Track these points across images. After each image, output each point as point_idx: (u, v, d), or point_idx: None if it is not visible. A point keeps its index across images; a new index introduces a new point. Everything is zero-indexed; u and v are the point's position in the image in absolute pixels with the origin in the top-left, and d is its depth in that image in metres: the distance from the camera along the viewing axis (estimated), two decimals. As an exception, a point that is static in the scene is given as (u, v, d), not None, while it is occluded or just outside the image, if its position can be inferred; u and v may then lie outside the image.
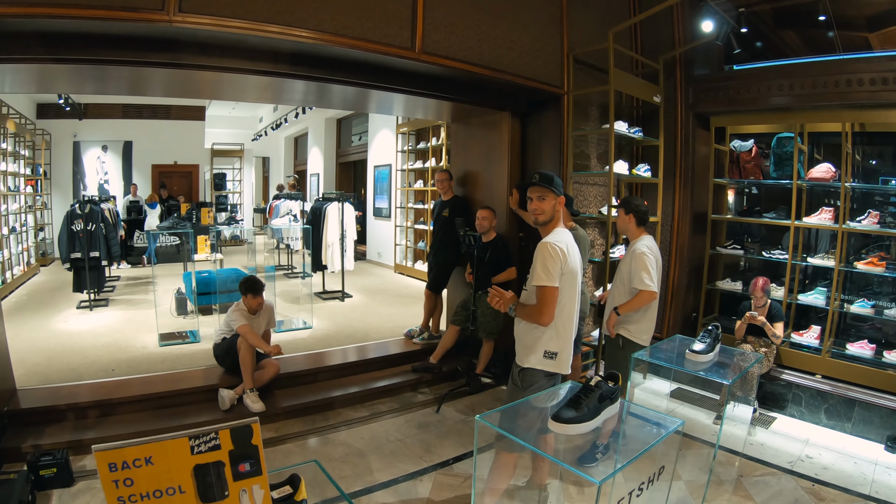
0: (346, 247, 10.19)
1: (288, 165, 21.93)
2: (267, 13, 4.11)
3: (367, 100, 6.54)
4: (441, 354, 6.31)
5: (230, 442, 1.63)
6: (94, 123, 16.47)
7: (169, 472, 1.57)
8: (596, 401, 2.67)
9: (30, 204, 13.55)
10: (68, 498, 4.09)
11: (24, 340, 7.28)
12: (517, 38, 5.51)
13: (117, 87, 6.34)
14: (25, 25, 3.85)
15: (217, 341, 5.79)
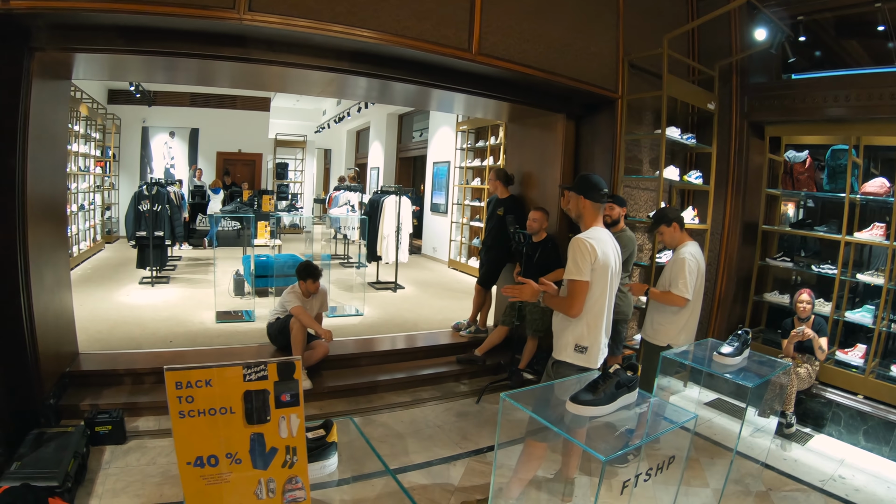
0: (402, 239, 10.55)
1: (349, 158, 22.45)
2: (331, 13, 4.45)
3: (427, 98, 6.83)
4: (487, 349, 6.55)
5: (276, 374, 1.97)
6: (162, 110, 17.36)
7: (224, 394, 1.91)
8: (613, 387, 2.92)
9: (98, 184, 14.41)
10: (120, 454, 4.55)
11: (88, 310, 7.88)
12: (572, 41, 5.68)
13: (187, 77, 6.82)
14: (107, 19, 4.28)
15: (271, 321, 6.22)
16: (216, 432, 1.91)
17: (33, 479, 3.62)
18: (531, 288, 3.70)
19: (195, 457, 1.91)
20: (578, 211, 3.70)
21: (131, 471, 4.30)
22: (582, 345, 3.57)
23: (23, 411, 4.51)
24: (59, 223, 5.60)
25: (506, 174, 7.17)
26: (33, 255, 4.62)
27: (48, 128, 4.99)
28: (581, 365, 3.59)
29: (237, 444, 1.96)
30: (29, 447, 4.06)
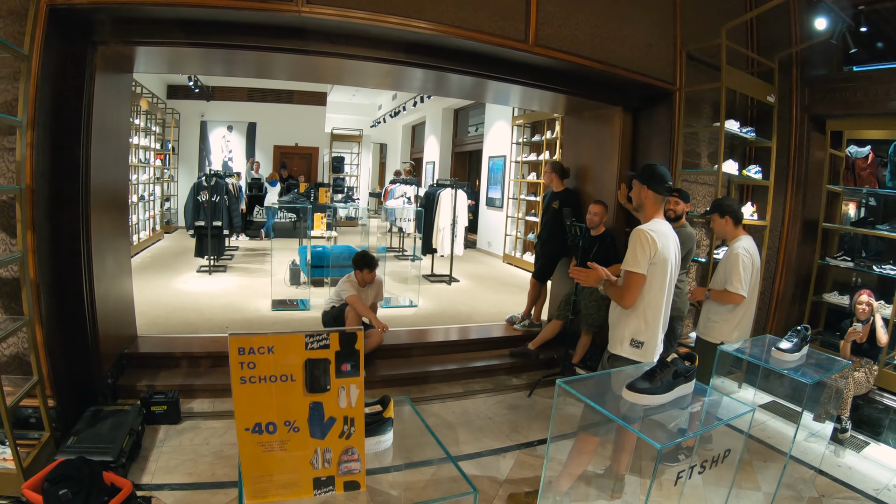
0: (457, 232, 10.62)
1: (405, 152, 22.60)
2: (388, 4, 4.48)
3: (483, 90, 6.81)
4: (540, 343, 6.52)
5: (338, 343, 1.96)
6: (220, 105, 17.91)
7: (285, 361, 1.93)
8: (670, 377, 2.87)
9: (158, 176, 15.00)
10: (174, 434, 4.72)
11: (147, 296, 8.16)
12: (630, 32, 5.61)
13: (244, 70, 6.96)
14: (168, 13, 4.42)
15: (326, 308, 6.32)
16: (276, 399, 1.95)
17: (89, 453, 3.78)
18: (597, 273, 3.64)
19: (254, 423, 1.95)
20: (640, 201, 3.66)
21: (184, 450, 4.46)
22: (638, 339, 3.54)
23: (81, 389, 4.71)
24: (120, 212, 5.83)
25: (561, 167, 7.11)
26: (96, 241, 4.81)
27: (110, 120, 5.18)
28: (636, 360, 3.55)
29: (296, 413, 1.99)
30: (86, 423, 4.25)
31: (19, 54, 3.81)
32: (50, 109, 4.25)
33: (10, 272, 4.14)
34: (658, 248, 3.41)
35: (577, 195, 7.10)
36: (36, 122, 3.97)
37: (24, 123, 3.85)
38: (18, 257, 3.88)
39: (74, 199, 4.61)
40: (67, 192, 4.57)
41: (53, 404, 4.21)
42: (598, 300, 6.00)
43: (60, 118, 4.42)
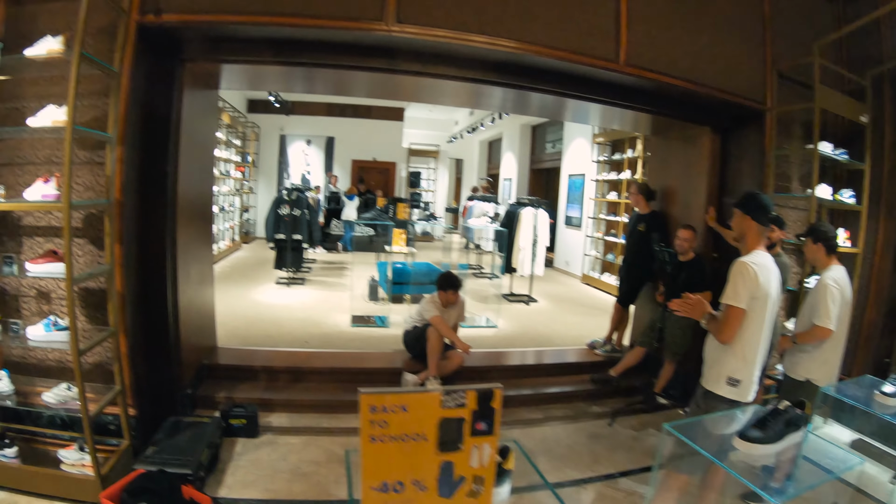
0: (538, 252, 10.43)
1: (481, 168, 22.53)
2: (479, 24, 4.45)
3: (562, 108, 6.72)
4: (622, 370, 6.30)
5: (475, 402, 1.91)
6: (299, 119, 18.39)
7: (418, 420, 1.88)
8: (782, 425, 2.73)
9: (238, 187, 15.45)
10: (252, 447, 4.74)
11: (226, 306, 8.24)
12: (720, 51, 5.42)
13: (324, 87, 7.07)
14: (256, 32, 4.49)
15: (408, 328, 6.23)
16: (406, 459, 1.89)
17: (168, 464, 3.82)
18: (702, 307, 3.48)
19: (381, 482, 1.89)
20: (741, 231, 3.51)
21: (261, 465, 4.46)
22: (735, 378, 3.39)
23: (161, 398, 4.79)
24: (205, 222, 5.96)
25: (648, 189, 6.91)
26: (181, 251, 4.92)
27: (197, 135, 5.29)
28: (732, 399, 3.41)
29: (425, 472, 1.92)
30: (165, 433, 4.30)
31: (109, 71, 3.90)
32: (139, 125, 4.35)
33: (98, 283, 4.22)
34: (760, 282, 3.27)
35: (664, 218, 6.86)
36: (125, 137, 4.06)
37: (113, 139, 3.93)
38: (106, 269, 3.96)
39: (161, 212, 4.72)
40: (155, 205, 4.67)
41: (134, 413, 4.28)
42: (683, 328, 5.77)
43: (149, 133, 4.53)
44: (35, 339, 3.79)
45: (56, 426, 4.24)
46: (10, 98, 4.21)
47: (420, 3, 4.35)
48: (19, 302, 4.34)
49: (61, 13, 4.11)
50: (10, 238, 4.26)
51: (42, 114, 3.72)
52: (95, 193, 4.16)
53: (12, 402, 3.95)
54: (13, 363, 4.35)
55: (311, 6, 4.22)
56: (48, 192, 3.67)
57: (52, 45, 3.66)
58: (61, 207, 3.54)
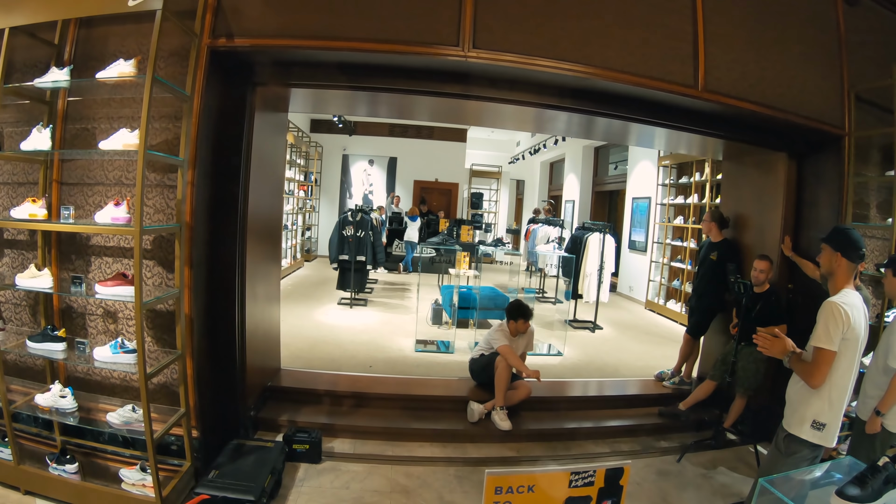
0: (604, 278, 10.25)
1: (543, 189, 22.37)
2: (555, 50, 4.39)
3: (628, 132, 6.60)
4: (691, 404, 6.09)
5: (603, 480, 1.85)
6: (362, 139, 18.75)
7: (545, 500, 1.81)
8: (881, 482, 2.61)
9: (301, 206, 15.76)
10: (314, 473, 4.68)
11: (290, 326, 8.32)
12: (796, 73, 5.21)
13: (388, 111, 7.15)
14: (328, 57, 4.51)
15: (475, 356, 6.18)
16: None
17: (230, 489, 3.80)
18: (783, 343, 3.36)
19: None
20: (830, 269, 3.37)
21: (324, 492, 4.40)
22: (820, 421, 3.26)
23: (225, 420, 4.81)
24: (273, 242, 6.01)
25: (721, 216, 6.67)
26: (250, 272, 4.96)
27: (267, 156, 5.35)
28: (816, 443, 3.29)
29: None
30: (228, 457, 4.28)
31: (181, 95, 3.94)
32: (210, 148, 4.40)
33: (166, 306, 4.25)
34: (851, 323, 3.15)
35: (736, 246, 6.63)
36: (196, 160, 4.10)
37: (185, 162, 3.97)
38: (175, 293, 3.99)
39: (232, 235, 4.75)
40: (225, 228, 4.71)
41: (197, 435, 4.30)
42: (756, 363, 5.56)
43: (220, 156, 4.57)
44: (102, 359, 3.80)
45: (118, 443, 4.33)
46: (81, 119, 4.32)
47: (496, 28, 4.31)
48: (86, 320, 4.43)
49: (132, 35, 4.21)
50: (77, 256, 4.36)
51: (114, 137, 3.78)
52: (165, 217, 4.21)
53: (75, 419, 4.00)
54: (77, 379, 4.43)
55: (385, 31, 4.22)
56: (118, 216, 3.71)
57: (123, 69, 3.74)
58: (132, 232, 3.57)
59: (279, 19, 4.22)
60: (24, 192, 4.41)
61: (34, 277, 3.91)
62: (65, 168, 4.37)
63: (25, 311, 4.63)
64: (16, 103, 4.37)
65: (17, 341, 4.11)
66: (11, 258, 4.57)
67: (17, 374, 4.55)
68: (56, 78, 3.93)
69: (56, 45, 4.29)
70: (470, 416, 5.58)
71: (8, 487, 4.04)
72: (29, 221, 3.96)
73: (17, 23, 3.88)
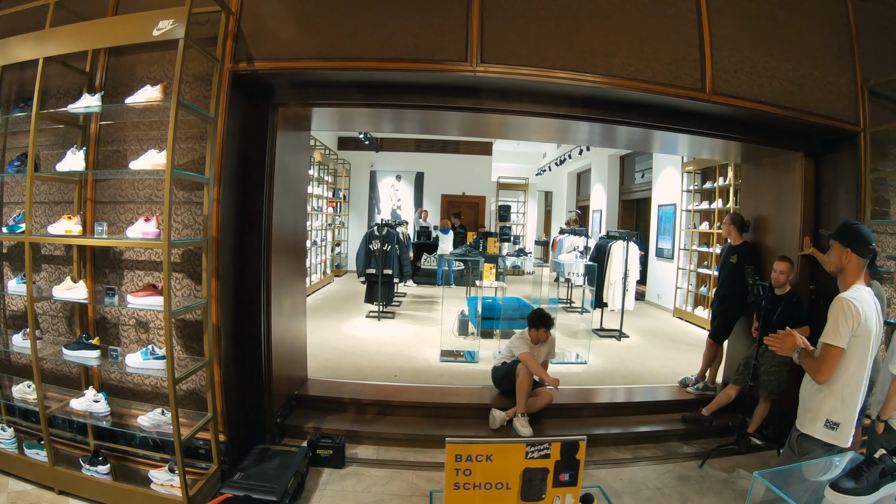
0: (629, 286, 10.27)
1: (570, 200, 22.40)
2: (562, 61, 4.51)
3: (650, 140, 6.64)
4: (715, 409, 6.08)
5: (559, 453, 1.96)
6: (389, 155, 19.03)
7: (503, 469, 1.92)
8: (877, 475, 2.62)
9: (330, 222, 16.04)
10: (337, 478, 4.83)
11: (318, 338, 8.56)
12: (807, 71, 5.21)
13: (412, 127, 7.25)
14: (344, 77, 4.71)
15: (497, 364, 6.27)
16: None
17: (254, 490, 3.97)
18: (793, 340, 3.32)
19: None
20: (840, 265, 3.32)
21: (346, 495, 4.54)
22: (834, 420, 3.18)
23: (251, 426, 5.00)
24: (298, 257, 6.18)
25: (741, 219, 6.69)
26: (275, 285, 5.15)
27: (290, 174, 5.55)
28: (829, 442, 3.20)
29: None
30: (253, 460, 4.46)
31: (205, 117, 4.17)
32: (234, 166, 4.62)
33: (194, 315, 4.48)
34: (861, 319, 3.08)
35: (757, 249, 6.63)
36: (221, 178, 4.33)
37: (210, 180, 4.20)
38: (202, 303, 4.20)
39: (257, 249, 4.96)
40: (250, 242, 4.93)
41: (224, 439, 4.50)
42: (779, 365, 5.56)
43: (244, 174, 4.80)
44: (133, 366, 4.05)
45: (148, 447, 4.56)
46: (112, 141, 4.60)
47: (503, 42, 4.45)
48: (119, 330, 4.67)
49: (158, 62, 4.48)
50: (111, 270, 4.62)
51: (143, 157, 4.02)
52: (193, 231, 4.43)
53: (108, 422, 4.22)
54: (111, 386, 4.70)
55: (394, 50, 4.40)
56: (148, 231, 3.94)
57: (150, 94, 3.98)
58: (161, 245, 3.80)
59: (296, 42, 4.43)
60: (60, 210, 4.70)
61: (70, 289, 4.19)
62: (98, 187, 4.65)
63: (62, 322, 4.91)
64: (51, 128, 4.67)
65: (54, 349, 4.39)
66: (49, 272, 4.86)
67: (54, 382, 4.84)
68: (88, 104, 4.22)
69: (87, 73, 4.59)
70: (492, 423, 5.65)
71: (42, 487, 4.31)
72: (65, 237, 4.23)
73: (50, 53, 4.14)
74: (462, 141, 18.95)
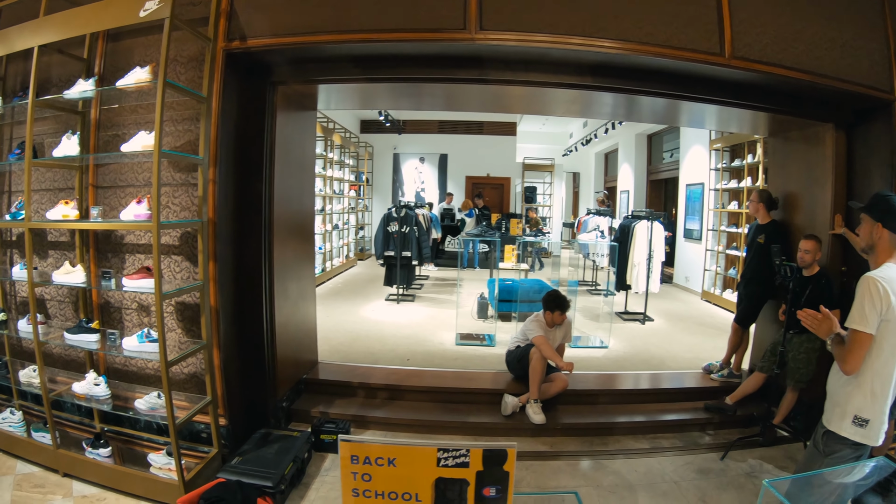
0: (653, 268, 10.07)
1: (598, 181, 22.11)
2: (567, 25, 4.30)
3: (676, 112, 6.38)
4: (739, 397, 5.88)
5: (480, 463, 1.69)
6: (412, 138, 18.99)
7: (410, 477, 1.69)
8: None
9: (352, 206, 16.05)
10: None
11: (334, 322, 8.62)
12: (836, 35, 4.88)
13: (431, 103, 7.11)
14: (340, 50, 4.60)
15: (511, 348, 6.16)
16: None
17: (250, 475, 3.94)
18: (829, 323, 3.02)
19: None
20: (871, 241, 3.05)
21: (348, 482, 4.45)
22: (863, 417, 2.92)
23: (254, 410, 5.00)
24: (305, 240, 6.12)
25: (770, 196, 6.41)
26: (278, 269, 5.09)
27: (295, 155, 5.48)
28: (858, 441, 2.94)
29: None
30: (254, 445, 4.45)
31: (198, 97, 4.14)
32: (231, 147, 4.57)
33: (193, 298, 4.46)
34: (892, 301, 2.80)
35: (785, 228, 6.36)
36: (217, 159, 4.28)
37: (205, 161, 4.16)
38: (199, 286, 4.18)
39: (256, 231, 4.91)
40: (250, 224, 4.87)
41: (225, 423, 4.50)
42: (808, 352, 5.33)
43: (242, 155, 4.75)
44: (129, 349, 4.09)
45: (152, 430, 4.59)
46: (112, 126, 4.59)
47: (503, 8, 4.28)
48: (122, 314, 4.70)
49: (154, 45, 4.44)
50: (113, 254, 4.64)
51: (134, 139, 4.02)
52: (191, 213, 4.40)
53: (109, 406, 4.28)
54: (115, 370, 4.73)
55: (390, 20, 4.27)
56: (140, 213, 3.94)
57: (140, 75, 3.96)
58: (151, 227, 3.78)
59: (289, 18, 4.34)
60: (63, 196, 4.72)
61: (68, 273, 4.23)
62: (99, 173, 4.65)
63: (69, 307, 4.95)
64: (53, 115, 4.72)
65: (58, 334, 4.44)
66: (55, 258, 4.92)
67: (63, 367, 4.93)
68: (83, 89, 4.22)
69: (86, 60, 4.61)
70: (504, 409, 5.56)
71: (48, 470, 4.37)
72: (62, 222, 4.28)
73: (45, 41, 4.13)
74: (486, 122, 18.83)
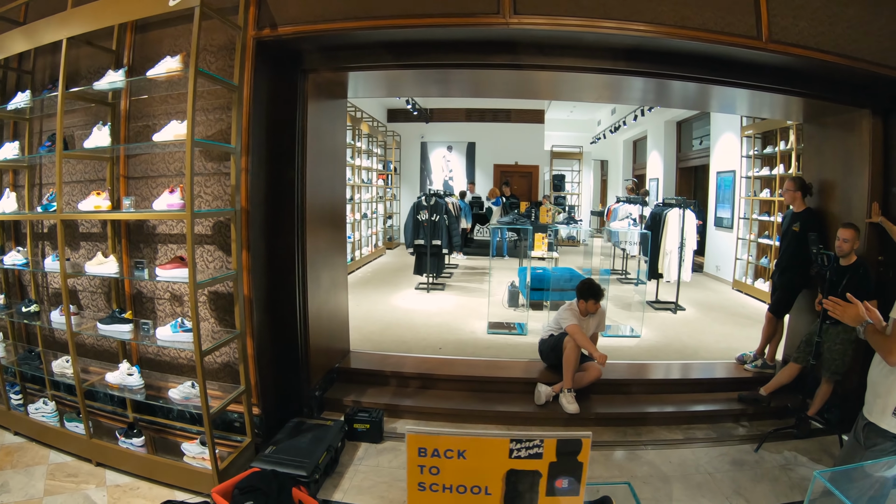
0: (685, 256, 9.91)
1: (626, 169, 21.89)
2: (602, 8, 4.20)
3: (707, 97, 6.25)
4: (773, 388, 5.76)
5: (553, 454, 1.61)
6: (439, 126, 18.93)
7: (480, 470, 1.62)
8: None
9: (380, 195, 16.10)
10: (373, 453, 4.76)
11: (364, 311, 8.63)
12: (873, 18, 4.67)
13: (460, 89, 7.01)
14: (372, 36, 4.53)
15: (544, 337, 6.11)
16: None
17: (284, 464, 3.94)
18: (856, 309, 2.97)
19: None
20: None
21: (381, 471, 4.47)
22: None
23: (287, 399, 5.02)
24: (337, 229, 6.12)
25: (804, 184, 6.24)
26: (311, 258, 5.09)
27: (326, 143, 5.46)
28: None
29: None
30: (287, 434, 4.45)
31: (230, 85, 4.12)
32: (263, 136, 4.54)
33: (226, 287, 4.47)
34: None
35: (821, 216, 6.21)
36: (250, 147, 4.25)
37: (237, 150, 4.15)
38: (232, 275, 4.17)
39: (290, 220, 4.91)
40: (283, 213, 4.87)
41: (258, 412, 4.50)
42: (844, 343, 5.20)
43: (274, 143, 4.71)
44: (163, 338, 4.09)
45: (185, 420, 4.61)
46: (142, 117, 4.60)
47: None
48: (155, 304, 4.72)
49: (183, 35, 4.43)
50: (145, 245, 4.65)
51: (166, 129, 3.98)
52: (223, 203, 4.39)
53: (142, 395, 4.30)
54: (149, 360, 4.76)
55: (422, 6, 4.21)
56: (173, 202, 3.92)
57: (171, 65, 3.93)
58: (184, 216, 3.78)
59: (319, 5, 4.28)
60: (94, 187, 4.72)
61: (101, 264, 4.23)
62: (130, 163, 4.66)
63: (101, 298, 4.98)
64: (84, 107, 4.73)
65: (91, 325, 4.44)
66: (87, 249, 4.94)
67: (95, 357, 4.95)
68: (112, 79, 4.23)
69: (115, 51, 4.61)
70: (537, 398, 5.51)
71: (81, 459, 4.39)
72: (94, 213, 4.29)
73: (73, 33, 4.11)
74: (513, 110, 18.69)
